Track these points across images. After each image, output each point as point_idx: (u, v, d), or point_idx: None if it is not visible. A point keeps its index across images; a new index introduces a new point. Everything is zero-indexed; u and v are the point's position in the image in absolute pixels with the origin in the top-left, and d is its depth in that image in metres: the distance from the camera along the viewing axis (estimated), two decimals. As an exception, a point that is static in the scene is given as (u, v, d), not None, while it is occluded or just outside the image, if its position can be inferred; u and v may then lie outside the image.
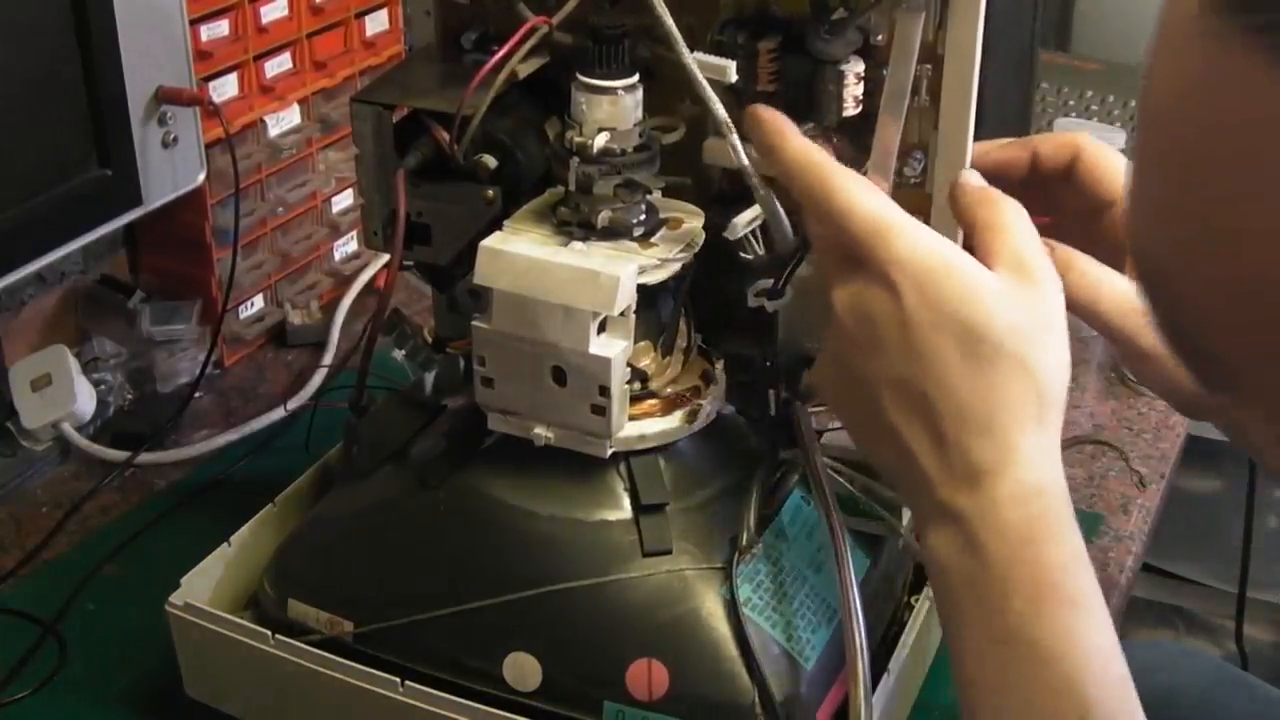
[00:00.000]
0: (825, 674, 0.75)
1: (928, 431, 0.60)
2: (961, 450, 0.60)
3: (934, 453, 0.60)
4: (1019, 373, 0.61)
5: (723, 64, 0.73)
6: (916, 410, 0.61)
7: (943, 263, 0.61)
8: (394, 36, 1.27)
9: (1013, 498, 0.59)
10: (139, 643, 0.88)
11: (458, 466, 0.78)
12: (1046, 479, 0.61)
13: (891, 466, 0.63)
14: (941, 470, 0.60)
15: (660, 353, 0.77)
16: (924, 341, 0.60)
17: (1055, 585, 0.58)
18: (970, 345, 0.60)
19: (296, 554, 0.82)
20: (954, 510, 0.60)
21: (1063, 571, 0.59)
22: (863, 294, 0.62)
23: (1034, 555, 0.59)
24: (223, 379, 1.18)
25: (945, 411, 0.60)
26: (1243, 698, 1.02)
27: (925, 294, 0.60)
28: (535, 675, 0.74)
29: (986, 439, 0.60)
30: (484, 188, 0.78)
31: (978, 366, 0.60)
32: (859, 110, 0.77)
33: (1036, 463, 0.61)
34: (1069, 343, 0.63)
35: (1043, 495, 0.60)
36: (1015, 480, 0.60)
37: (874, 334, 0.61)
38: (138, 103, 0.95)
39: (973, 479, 0.60)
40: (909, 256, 0.61)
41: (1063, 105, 1.58)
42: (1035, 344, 0.61)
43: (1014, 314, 0.61)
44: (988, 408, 0.60)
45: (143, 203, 0.98)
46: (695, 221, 0.77)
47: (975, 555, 0.59)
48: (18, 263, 0.90)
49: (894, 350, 0.61)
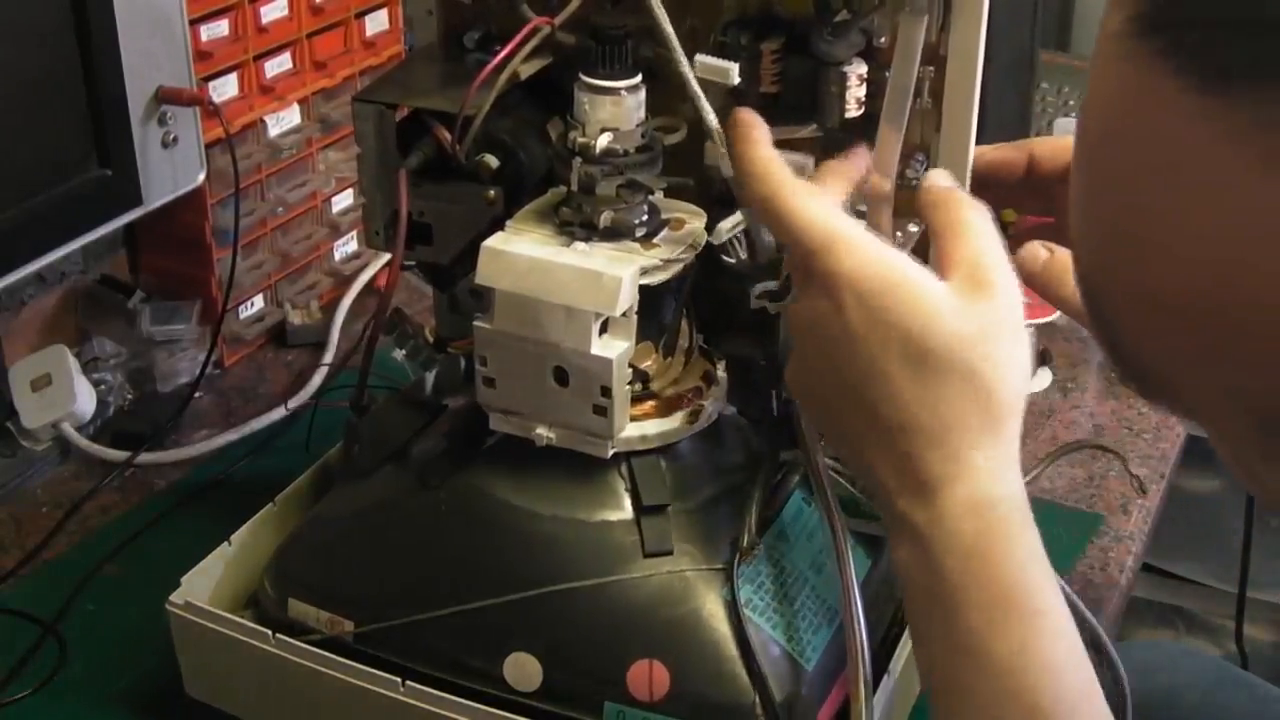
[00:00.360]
0: (826, 675, 0.75)
1: (882, 443, 0.61)
2: (914, 463, 0.60)
3: (889, 464, 0.61)
4: (968, 385, 0.60)
5: (725, 66, 0.73)
6: (870, 423, 0.61)
7: (886, 276, 0.61)
8: (394, 36, 1.27)
9: (965, 511, 0.59)
10: (139, 643, 0.88)
11: (458, 466, 0.78)
12: (1000, 491, 0.60)
13: (859, 474, 0.65)
14: (898, 482, 0.60)
15: (662, 353, 0.77)
16: (870, 357, 0.60)
17: (1009, 598, 0.58)
18: (916, 359, 0.60)
19: (296, 554, 0.82)
20: (910, 522, 0.60)
21: (1017, 584, 0.59)
22: (813, 307, 0.62)
23: (987, 568, 0.59)
24: (223, 379, 1.18)
25: (895, 425, 0.60)
26: (1243, 697, 1.02)
27: (869, 308, 0.60)
28: (536, 675, 0.74)
29: (937, 452, 0.60)
30: (486, 188, 0.78)
31: (925, 380, 0.60)
32: (861, 112, 0.77)
33: (989, 475, 0.60)
34: (1028, 348, 0.63)
35: (996, 507, 0.60)
36: (967, 493, 0.59)
37: (824, 348, 0.62)
38: (138, 103, 0.95)
39: (926, 492, 0.60)
40: (852, 270, 0.61)
41: (1063, 105, 1.58)
42: (985, 354, 0.60)
43: (961, 324, 0.60)
44: (937, 421, 0.60)
45: (143, 203, 0.98)
46: (697, 222, 0.77)
47: (931, 568, 0.59)
48: (18, 263, 0.90)
49: (844, 364, 0.61)
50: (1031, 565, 0.59)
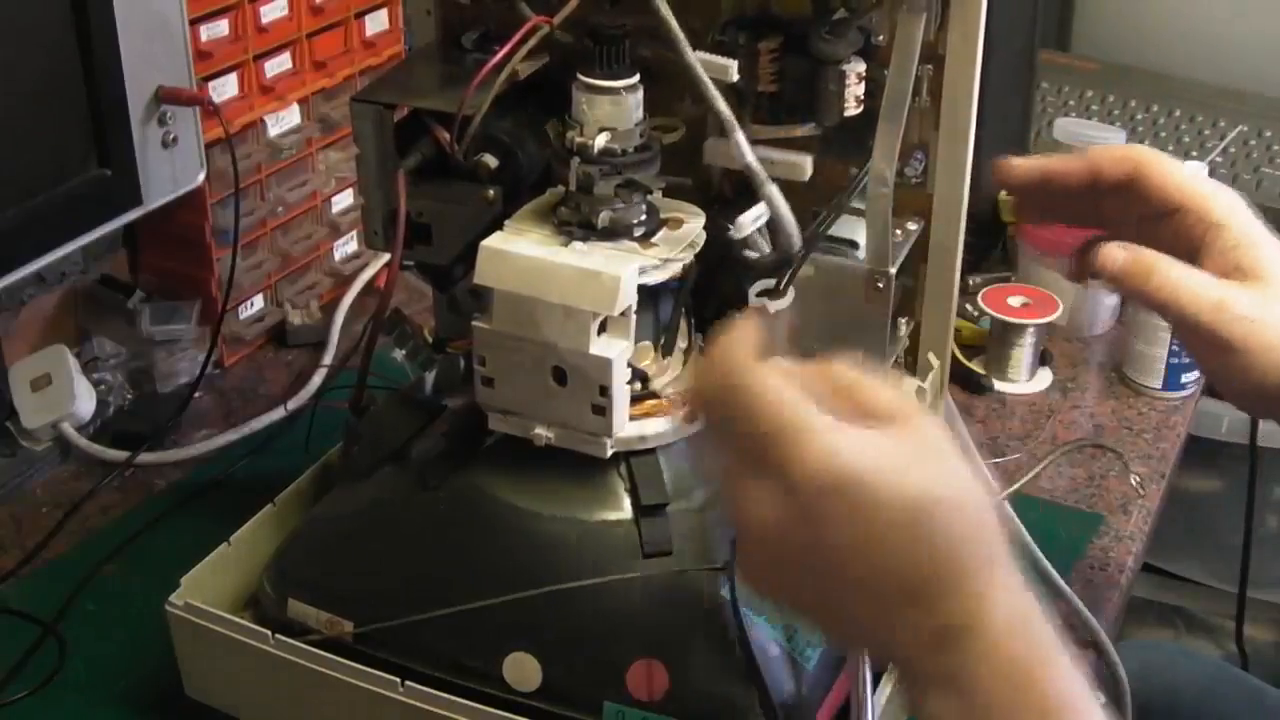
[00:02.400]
0: (825, 675, 0.75)
1: (890, 611, 0.57)
2: (932, 616, 0.57)
3: (905, 628, 0.57)
4: (952, 519, 0.57)
5: (725, 64, 0.73)
6: (874, 597, 0.57)
7: (837, 469, 0.56)
8: (394, 36, 1.27)
9: (1000, 640, 0.57)
10: (139, 643, 0.88)
11: (458, 466, 0.78)
12: (1020, 608, 0.58)
13: (870, 647, 0.61)
14: (918, 642, 0.57)
15: (661, 353, 0.77)
16: (851, 537, 0.56)
17: (1061, 714, 0.57)
18: (894, 519, 0.56)
19: (296, 554, 0.82)
20: (942, 674, 0.57)
21: (1065, 700, 0.57)
22: (769, 503, 0.57)
23: (1035, 688, 0.57)
24: (223, 379, 1.18)
25: (901, 588, 0.57)
26: (1241, 698, 1.02)
27: (829, 504, 0.56)
28: (535, 675, 0.74)
29: (952, 600, 0.57)
30: (484, 187, 0.78)
31: (910, 536, 0.57)
32: (860, 110, 0.77)
33: (1004, 595, 0.58)
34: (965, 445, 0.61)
35: (1028, 623, 0.58)
36: (993, 625, 0.57)
37: (804, 540, 0.57)
38: (138, 103, 0.95)
39: (951, 639, 0.57)
40: (801, 474, 0.56)
41: (1063, 105, 1.58)
42: (945, 482, 0.58)
43: (907, 461, 0.57)
44: (939, 568, 0.57)
45: (143, 203, 0.98)
46: (696, 222, 0.77)
47: (976, 708, 0.56)
48: (18, 263, 0.90)
49: (827, 551, 0.57)
50: (1072, 678, 0.57)
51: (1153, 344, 1.18)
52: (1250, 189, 1.44)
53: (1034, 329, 1.19)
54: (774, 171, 0.78)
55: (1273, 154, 1.48)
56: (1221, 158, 1.47)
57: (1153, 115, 1.55)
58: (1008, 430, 1.15)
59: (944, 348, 0.84)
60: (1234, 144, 1.50)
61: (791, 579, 0.58)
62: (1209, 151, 1.47)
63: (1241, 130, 1.51)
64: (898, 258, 0.79)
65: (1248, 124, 1.51)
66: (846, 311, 0.80)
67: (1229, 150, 1.49)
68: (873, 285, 0.79)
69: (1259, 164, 1.47)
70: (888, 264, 0.78)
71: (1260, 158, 1.48)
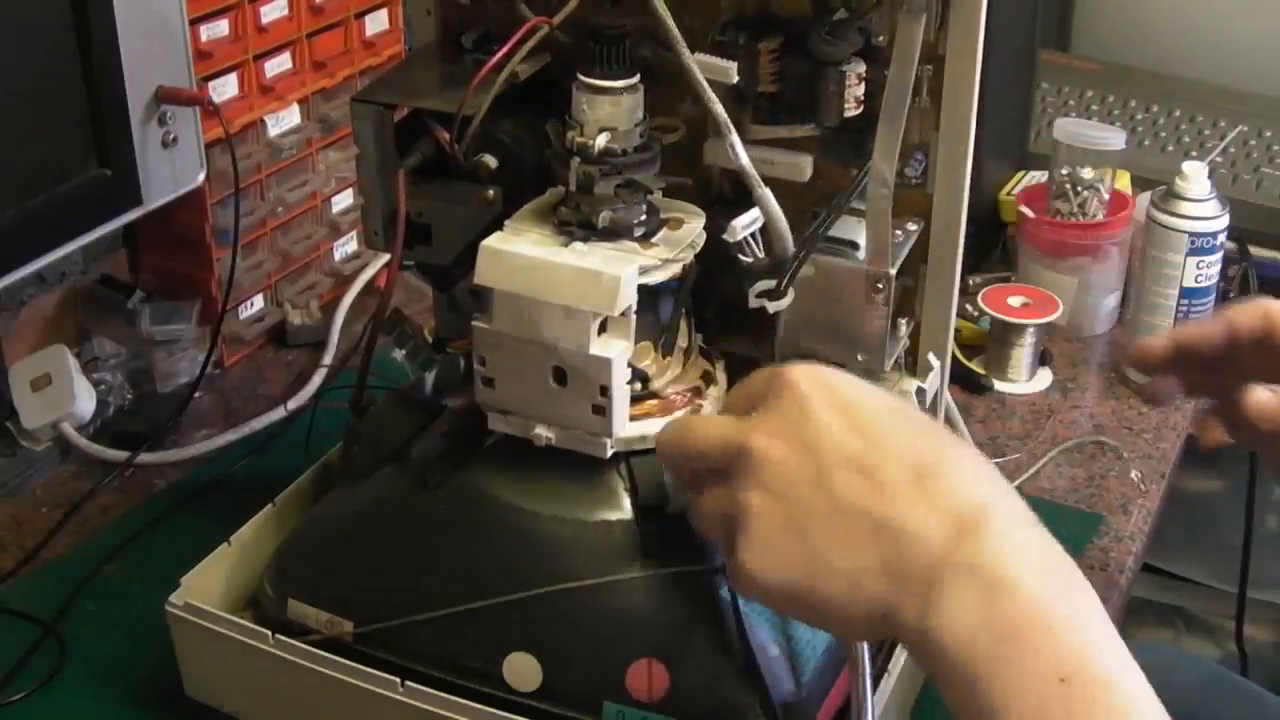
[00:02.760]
0: (825, 675, 0.75)
1: (900, 508, 0.56)
2: (947, 497, 0.56)
3: (919, 515, 0.56)
4: (946, 431, 0.61)
5: (724, 65, 0.73)
6: (884, 485, 0.57)
7: (824, 372, 0.61)
8: (394, 36, 1.27)
9: (1023, 522, 0.56)
10: (139, 643, 0.88)
11: (458, 466, 0.78)
12: (1026, 507, 0.58)
13: (872, 578, 0.57)
14: (931, 538, 0.55)
15: (661, 353, 0.77)
16: (859, 420, 0.58)
17: (1101, 614, 0.55)
18: (893, 409, 0.60)
19: (296, 554, 0.82)
20: (965, 562, 0.54)
21: (1093, 596, 0.55)
22: (781, 418, 0.60)
23: (1065, 567, 0.55)
24: (223, 379, 1.18)
25: (917, 466, 0.57)
26: (1236, 702, 1.02)
27: (831, 387, 0.60)
28: (535, 675, 0.74)
29: (964, 481, 0.57)
30: (484, 187, 0.78)
31: (910, 421, 0.60)
32: (860, 110, 0.77)
33: (1011, 489, 0.58)
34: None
35: (1037, 521, 0.57)
36: (1011, 506, 0.56)
37: (806, 440, 0.58)
38: (138, 103, 0.95)
39: (970, 521, 0.55)
40: (798, 373, 0.60)
41: (1063, 105, 1.58)
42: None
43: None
44: (942, 450, 0.58)
45: (143, 203, 0.98)
46: (696, 222, 0.77)
47: (1007, 597, 0.53)
48: (18, 263, 0.90)
49: (836, 438, 0.58)
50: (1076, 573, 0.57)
51: (1153, 344, 1.18)
52: (1250, 189, 1.44)
53: (1034, 329, 1.19)
54: (774, 172, 0.78)
55: (1273, 154, 1.48)
56: (1221, 158, 1.47)
57: (1153, 115, 1.55)
58: (1008, 430, 1.15)
59: (944, 348, 0.84)
60: (1234, 144, 1.50)
61: (793, 535, 0.58)
62: (1209, 151, 1.47)
63: (1241, 130, 1.51)
64: (898, 258, 0.79)
65: (1248, 124, 1.51)
66: (846, 311, 0.80)
67: (1229, 150, 1.49)
68: (873, 285, 0.79)
69: (1259, 164, 1.47)
70: (888, 264, 0.78)
71: (1260, 158, 1.48)
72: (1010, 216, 1.33)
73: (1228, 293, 1.30)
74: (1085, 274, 1.26)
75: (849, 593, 0.57)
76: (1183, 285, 1.16)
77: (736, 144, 0.73)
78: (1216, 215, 1.15)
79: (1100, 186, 1.26)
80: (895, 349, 0.83)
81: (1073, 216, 1.27)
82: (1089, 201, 1.26)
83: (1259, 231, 1.38)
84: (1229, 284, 1.30)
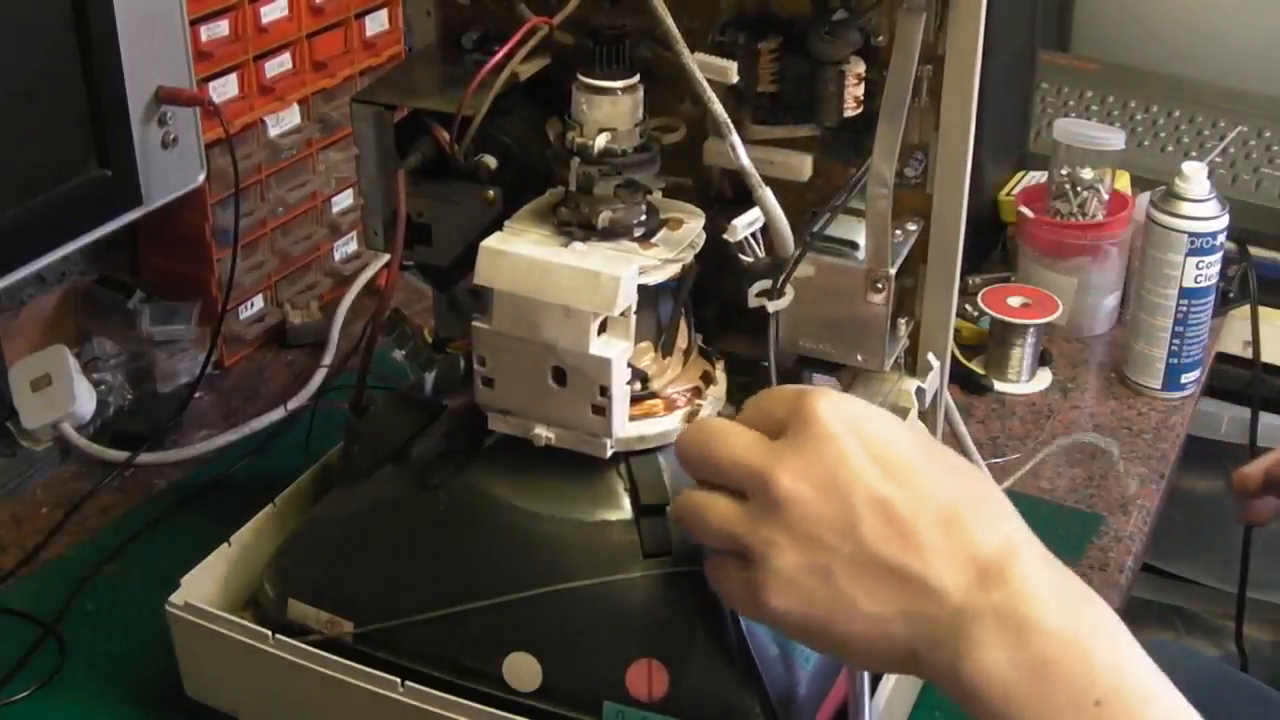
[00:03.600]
0: (825, 674, 0.75)
1: (925, 553, 0.57)
2: (970, 546, 0.57)
3: (944, 565, 0.56)
4: (969, 467, 0.61)
5: (724, 65, 0.73)
6: (911, 535, 0.57)
7: (852, 407, 0.61)
8: (394, 36, 1.27)
9: (1043, 563, 0.57)
10: (139, 643, 0.88)
11: (458, 467, 0.78)
12: (1042, 546, 0.58)
13: (897, 625, 0.58)
14: (958, 584, 0.56)
15: (660, 353, 0.77)
16: (888, 465, 0.58)
17: (1128, 638, 0.56)
18: (920, 450, 0.60)
19: (296, 554, 0.82)
20: (993, 609, 0.55)
21: (1120, 624, 0.56)
22: (810, 458, 0.59)
23: (1093, 611, 0.56)
24: (223, 379, 1.18)
25: (941, 513, 0.57)
26: (1241, 699, 1.02)
27: (861, 428, 0.59)
28: (535, 675, 0.74)
29: (990, 528, 0.57)
30: (484, 188, 0.78)
31: (936, 462, 0.59)
32: (859, 110, 0.77)
33: (1028, 530, 0.58)
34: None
35: (1054, 559, 0.58)
36: (1034, 552, 0.57)
37: (835, 485, 0.58)
38: (138, 103, 0.95)
39: (996, 568, 0.56)
40: (827, 409, 0.60)
41: (1063, 105, 1.58)
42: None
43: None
44: (966, 495, 0.58)
45: (143, 203, 0.98)
46: (696, 222, 0.77)
47: (1035, 635, 0.55)
48: (18, 263, 0.90)
49: (866, 484, 0.58)
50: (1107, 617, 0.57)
51: (1153, 344, 1.18)
52: (1250, 189, 1.44)
53: (1034, 329, 1.19)
54: (774, 172, 0.78)
55: (1273, 154, 1.48)
56: (1221, 158, 1.47)
57: (1153, 115, 1.55)
58: (1008, 430, 1.15)
59: (944, 348, 0.84)
60: (1234, 144, 1.50)
61: (817, 578, 0.58)
62: (1209, 151, 1.47)
63: (1241, 130, 1.51)
64: (898, 258, 0.79)
65: (1248, 124, 1.51)
66: (846, 311, 0.80)
67: (1229, 150, 1.49)
68: (873, 285, 0.79)
69: (1259, 164, 1.47)
70: (887, 264, 0.78)
71: (1260, 158, 1.48)
72: (1010, 216, 1.33)
73: (1228, 293, 1.30)
74: (1085, 274, 1.26)
75: (872, 635, 0.58)
76: (1182, 285, 1.16)
77: (736, 144, 0.73)
78: (1216, 215, 1.15)
79: (1100, 187, 1.26)
80: (895, 349, 0.83)
81: (1072, 217, 1.27)
82: (1089, 202, 1.26)
83: (1259, 231, 1.38)
84: (1229, 284, 1.30)
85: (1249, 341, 1.30)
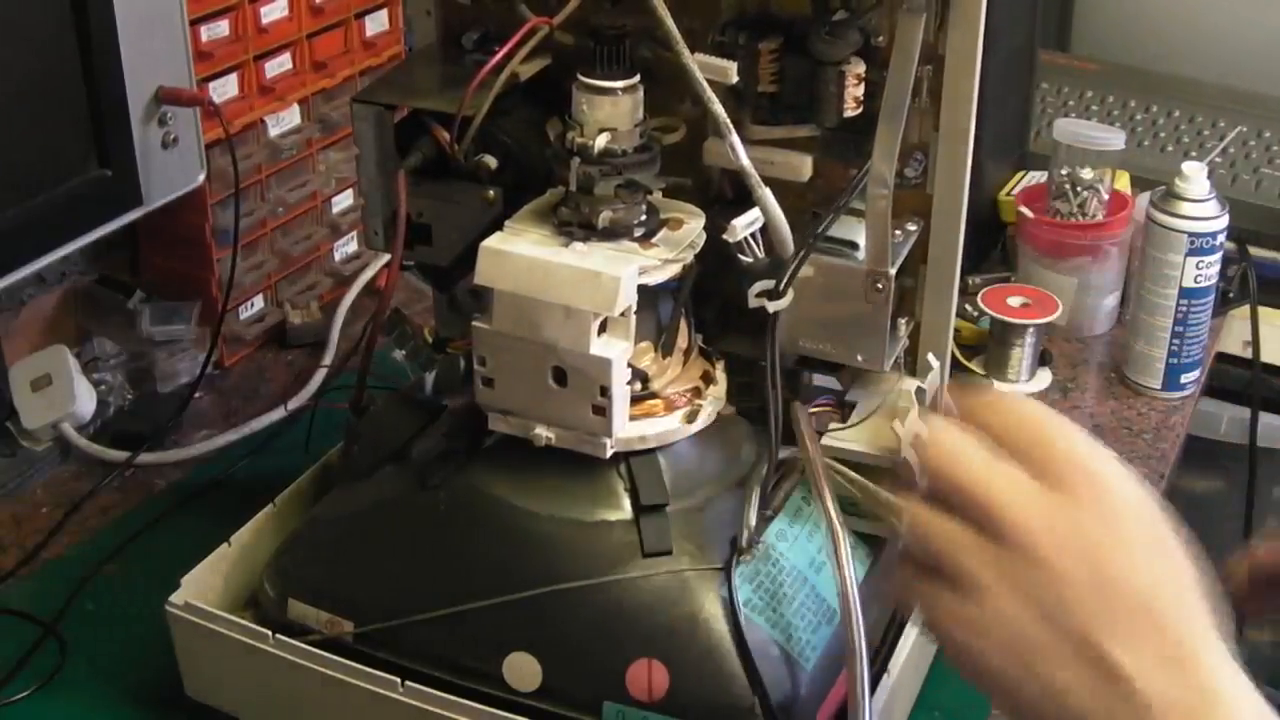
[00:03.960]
0: (825, 675, 0.75)
1: (1127, 635, 0.57)
2: (1166, 647, 0.57)
3: (1140, 655, 0.57)
4: (1178, 548, 0.61)
5: (724, 65, 0.73)
6: (1117, 622, 0.58)
7: (1138, 488, 0.62)
8: (394, 37, 1.27)
9: (1224, 657, 0.58)
10: (139, 643, 0.88)
11: (458, 467, 0.78)
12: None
13: (1077, 698, 0.58)
14: (1151, 669, 0.56)
15: (661, 353, 0.77)
16: (1131, 547, 0.59)
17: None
18: (1153, 534, 0.61)
19: (296, 554, 0.82)
20: (1179, 704, 0.56)
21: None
22: (1069, 520, 0.60)
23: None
24: (223, 379, 1.18)
25: (1149, 605, 0.58)
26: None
27: (1141, 516, 0.61)
28: (535, 675, 0.74)
29: (1187, 625, 0.58)
30: (485, 188, 0.78)
31: (1165, 553, 0.60)
32: (859, 111, 0.77)
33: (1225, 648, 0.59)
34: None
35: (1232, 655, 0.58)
36: (1220, 646, 0.58)
37: (1080, 556, 0.59)
38: (138, 103, 0.95)
39: (1192, 665, 0.57)
40: (1124, 489, 0.61)
41: (1063, 105, 1.58)
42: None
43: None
44: (1172, 590, 0.59)
45: (143, 203, 0.98)
46: (696, 222, 0.77)
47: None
48: (18, 263, 0.90)
49: (1103, 560, 0.59)
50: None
51: (1153, 344, 1.18)
52: (1250, 189, 1.44)
53: (1034, 329, 1.19)
54: (774, 172, 0.78)
55: (1272, 154, 1.48)
56: (1221, 158, 1.47)
57: (1153, 115, 1.55)
58: (1007, 430, 1.15)
59: (944, 348, 0.84)
60: (1234, 144, 1.50)
61: (1017, 634, 0.58)
62: (1208, 151, 1.47)
63: (1241, 130, 1.51)
64: (898, 258, 0.79)
65: (1248, 124, 1.51)
66: (846, 312, 0.80)
67: (1229, 150, 1.49)
68: (873, 285, 0.79)
69: (1259, 164, 1.47)
70: (887, 264, 0.78)
71: (1260, 158, 1.48)
72: (1010, 217, 1.33)
73: (1227, 293, 1.30)
74: (1085, 274, 1.26)
75: (1049, 696, 0.58)
76: (1182, 285, 1.16)
77: (736, 144, 0.73)
78: (1216, 215, 1.15)
79: (1100, 187, 1.26)
80: (895, 349, 0.83)
81: (1072, 217, 1.27)
82: (1088, 202, 1.26)
83: (1259, 231, 1.38)
84: (1228, 284, 1.30)
85: (1249, 341, 1.30)
